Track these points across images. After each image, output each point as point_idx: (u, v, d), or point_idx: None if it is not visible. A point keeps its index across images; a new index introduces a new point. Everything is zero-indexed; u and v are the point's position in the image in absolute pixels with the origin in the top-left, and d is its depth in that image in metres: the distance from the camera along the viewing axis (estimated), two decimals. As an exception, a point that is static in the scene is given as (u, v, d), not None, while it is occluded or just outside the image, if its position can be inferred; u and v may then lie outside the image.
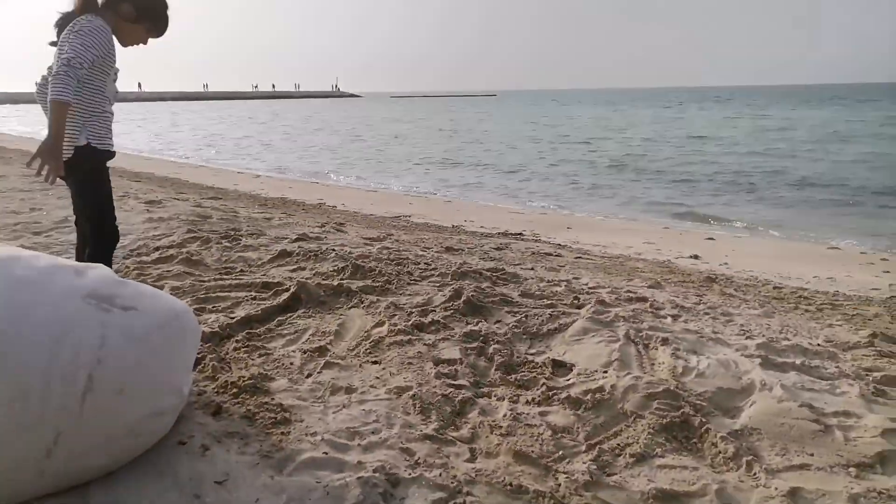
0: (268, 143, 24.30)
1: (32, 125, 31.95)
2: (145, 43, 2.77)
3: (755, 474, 1.86)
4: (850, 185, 11.77)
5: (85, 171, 2.70)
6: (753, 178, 13.04)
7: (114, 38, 2.59)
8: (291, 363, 2.55)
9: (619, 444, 1.98)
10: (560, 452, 1.93)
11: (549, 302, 3.32)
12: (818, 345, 2.92)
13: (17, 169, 9.53)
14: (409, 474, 1.78)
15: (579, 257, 5.55)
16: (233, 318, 3.02)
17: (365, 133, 29.48)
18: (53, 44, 2.54)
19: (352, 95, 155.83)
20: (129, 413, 1.68)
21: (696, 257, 5.96)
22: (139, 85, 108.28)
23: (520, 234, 6.98)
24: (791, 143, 20.65)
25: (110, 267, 2.59)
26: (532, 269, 4.51)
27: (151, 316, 1.76)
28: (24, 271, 1.63)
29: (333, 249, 4.30)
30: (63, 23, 2.53)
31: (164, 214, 5.67)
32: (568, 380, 2.41)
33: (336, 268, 3.81)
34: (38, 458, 1.54)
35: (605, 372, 2.41)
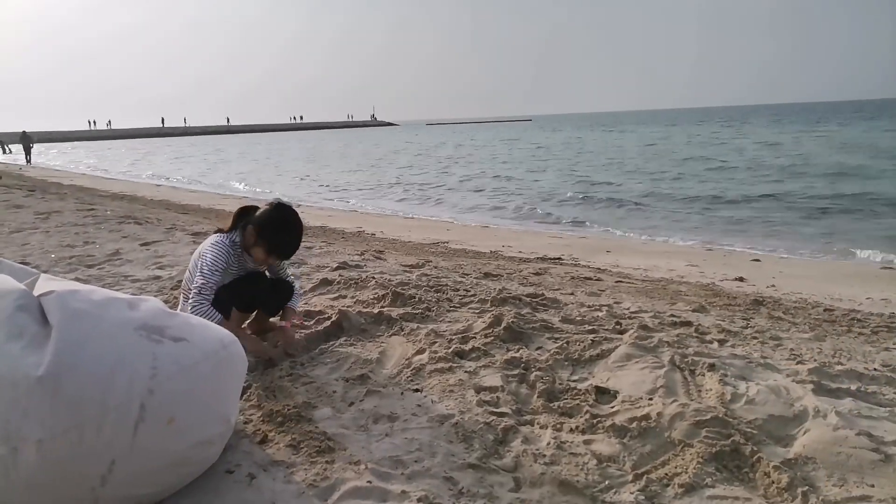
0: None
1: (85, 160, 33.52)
2: (270, 263, 3.01)
3: (812, 506, 1.79)
4: None
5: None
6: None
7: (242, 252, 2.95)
8: (334, 391, 2.57)
9: (667, 474, 1.92)
10: (606, 482, 1.89)
11: (590, 327, 3.28)
12: (875, 369, 2.81)
13: (71, 204, 9.95)
14: (453, 504, 1.77)
15: (620, 281, 5.48)
16: (276, 345, 3.08)
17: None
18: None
19: (389, 124, 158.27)
20: (178, 442, 1.72)
21: (741, 279, 5.82)
22: (162, 120, 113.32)
23: (558, 258, 6.94)
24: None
25: None
26: (572, 293, 4.47)
27: (200, 346, 1.81)
28: (80, 304, 1.70)
29: (373, 277, 4.35)
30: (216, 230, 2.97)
31: (210, 245, 5.82)
32: (612, 407, 2.37)
33: (376, 295, 3.84)
34: (94, 485, 1.58)
35: (651, 399, 2.36)
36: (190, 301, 2.72)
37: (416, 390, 2.57)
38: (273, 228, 2.85)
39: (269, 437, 2.17)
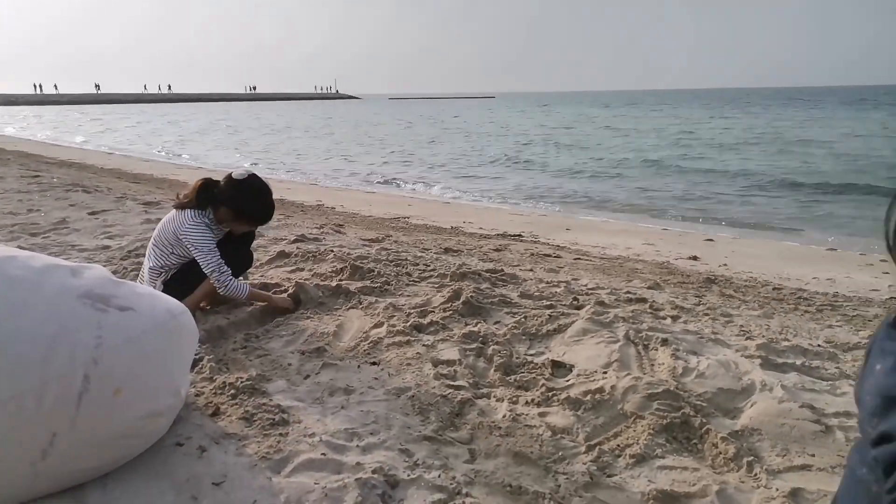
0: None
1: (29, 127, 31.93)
2: (250, 229, 3.18)
3: (756, 475, 1.85)
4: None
5: None
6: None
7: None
8: (289, 364, 2.53)
9: (619, 445, 1.96)
10: (560, 453, 1.91)
11: (548, 303, 3.31)
12: (818, 345, 2.91)
13: (14, 170, 9.52)
14: (408, 475, 1.77)
15: (578, 258, 5.54)
16: (229, 318, 3.01)
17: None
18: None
19: (350, 97, 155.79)
20: (125, 414, 1.66)
21: (695, 258, 5.95)
22: (97, 86, 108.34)
23: (518, 235, 6.97)
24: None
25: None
26: (531, 270, 4.49)
27: (148, 316, 1.75)
28: (19, 271, 1.62)
29: (332, 250, 4.29)
30: (178, 205, 2.98)
31: (162, 215, 5.65)
32: (567, 380, 2.40)
33: (334, 269, 3.79)
34: (34, 459, 1.52)
35: (605, 372, 2.40)
36: (220, 284, 2.88)
37: (374, 363, 2.55)
38: (252, 200, 2.96)
39: (221, 409, 2.12)
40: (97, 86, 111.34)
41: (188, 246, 2.88)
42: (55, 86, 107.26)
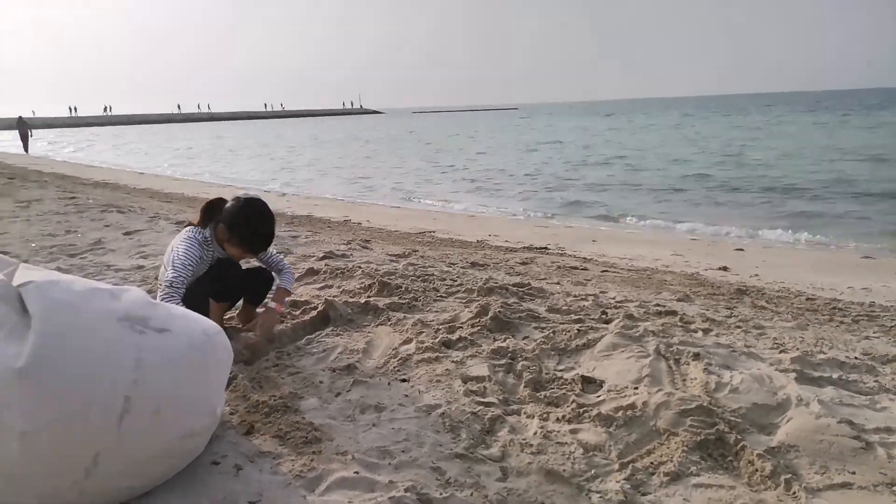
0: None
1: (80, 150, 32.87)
2: (243, 257, 3.00)
3: (794, 493, 1.82)
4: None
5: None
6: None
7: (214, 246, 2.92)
8: (321, 382, 2.56)
9: (652, 463, 1.94)
10: (592, 471, 1.90)
11: (576, 317, 3.30)
12: (856, 358, 2.85)
13: (52, 192, 9.80)
14: (441, 494, 1.77)
15: (605, 271, 5.51)
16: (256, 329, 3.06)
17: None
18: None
19: (374, 112, 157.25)
20: (164, 434, 1.70)
21: (725, 269, 5.86)
22: (106, 108, 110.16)
23: (545, 247, 6.96)
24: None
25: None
26: (558, 283, 4.48)
27: (184, 337, 1.79)
28: (60, 294, 1.67)
29: (360, 266, 4.33)
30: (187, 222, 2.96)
31: (194, 234, 5.75)
32: (598, 396, 2.38)
33: (363, 285, 3.83)
34: (78, 478, 1.57)
35: (636, 388, 2.38)
36: (160, 294, 2.63)
37: (403, 380, 2.57)
38: (244, 225, 2.85)
39: (255, 427, 2.16)
40: (106, 106, 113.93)
41: (171, 256, 2.76)
42: (107, 107, 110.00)
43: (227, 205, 2.89)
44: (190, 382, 1.77)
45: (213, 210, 2.90)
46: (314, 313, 3.34)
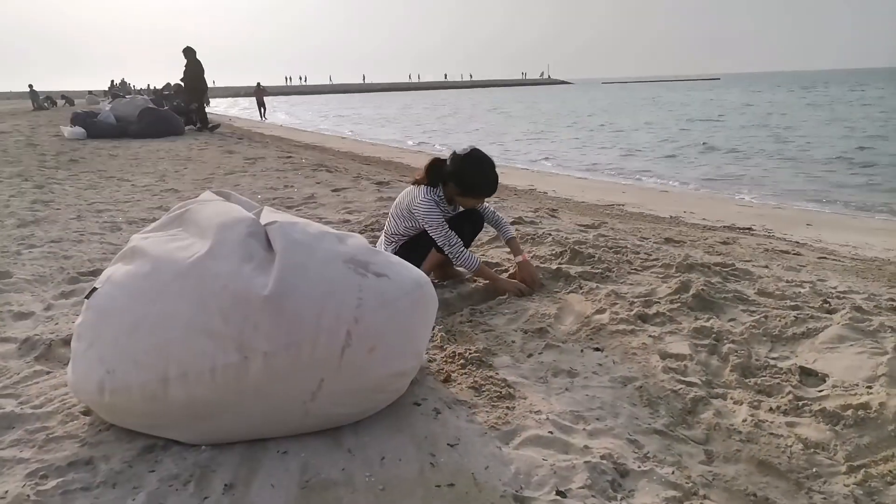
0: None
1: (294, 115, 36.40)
2: (477, 203, 3.26)
3: None
4: None
5: None
6: None
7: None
8: (513, 342, 2.60)
9: (890, 472, 1.70)
10: (814, 469, 1.71)
11: (792, 303, 2.97)
12: None
13: (273, 151, 10.99)
14: (639, 467, 1.71)
15: (823, 257, 4.89)
16: (454, 292, 3.17)
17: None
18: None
19: (563, 82, 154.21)
20: (377, 370, 1.83)
21: (981, 265, 4.92)
22: (363, 77, 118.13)
23: (749, 228, 6.37)
24: None
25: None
26: (766, 267, 4.07)
27: (399, 283, 1.90)
28: (298, 235, 1.86)
29: (549, 234, 4.29)
30: (414, 181, 3.23)
31: (393, 194, 6.13)
32: (820, 391, 2.13)
33: (553, 252, 3.80)
34: (305, 398, 1.75)
35: (870, 387, 2.08)
36: (452, 256, 3.08)
37: (597, 349, 2.51)
38: (472, 173, 3.05)
39: (452, 377, 2.25)
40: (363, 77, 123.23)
41: (420, 221, 3.09)
42: (302, 77, 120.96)
43: (448, 162, 3.09)
44: (401, 326, 1.88)
45: (436, 170, 3.12)
46: (506, 275, 3.38)
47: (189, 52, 14.81)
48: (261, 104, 32.82)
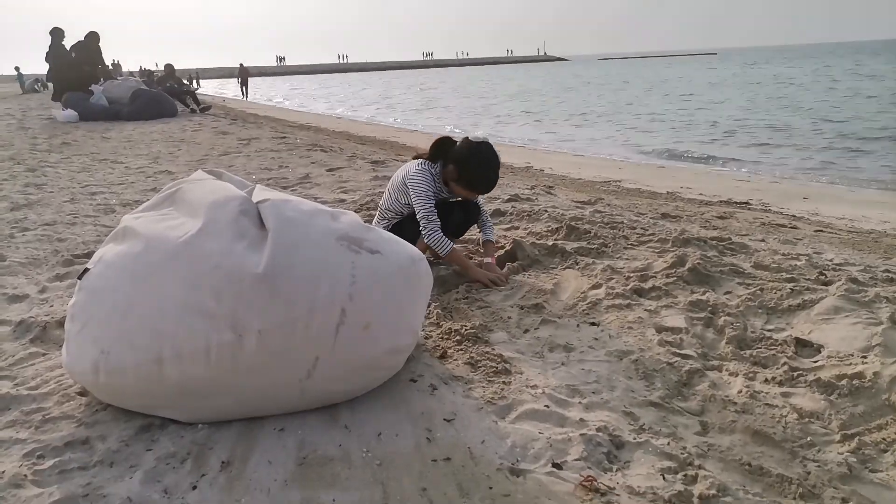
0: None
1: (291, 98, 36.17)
2: (469, 196, 3.14)
3: None
4: None
5: None
6: None
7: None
8: (509, 317, 2.60)
9: (884, 439, 1.71)
10: (808, 438, 1.72)
11: (787, 276, 2.97)
12: None
13: (267, 132, 10.91)
14: (635, 438, 1.72)
15: (820, 230, 4.90)
16: (451, 269, 3.16)
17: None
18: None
19: (558, 59, 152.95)
20: (372, 347, 1.83)
21: (977, 236, 4.93)
22: (279, 59, 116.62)
23: (745, 202, 6.36)
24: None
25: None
26: (762, 240, 4.07)
27: (393, 260, 1.89)
28: (291, 212, 1.84)
29: (546, 210, 4.28)
30: (415, 155, 3.18)
31: (388, 173, 6.09)
32: (815, 361, 2.14)
33: (549, 228, 3.79)
34: (301, 376, 1.75)
35: (864, 357, 2.09)
36: (423, 230, 2.97)
37: (593, 324, 2.51)
38: (474, 165, 2.96)
39: (448, 353, 2.25)
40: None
41: (409, 190, 3.00)
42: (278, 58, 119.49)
43: (458, 145, 3.02)
44: (396, 302, 1.88)
45: (442, 147, 3.04)
46: (501, 252, 3.37)
47: (55, 34, 14.05)
48: (244, 83, 34.90)
